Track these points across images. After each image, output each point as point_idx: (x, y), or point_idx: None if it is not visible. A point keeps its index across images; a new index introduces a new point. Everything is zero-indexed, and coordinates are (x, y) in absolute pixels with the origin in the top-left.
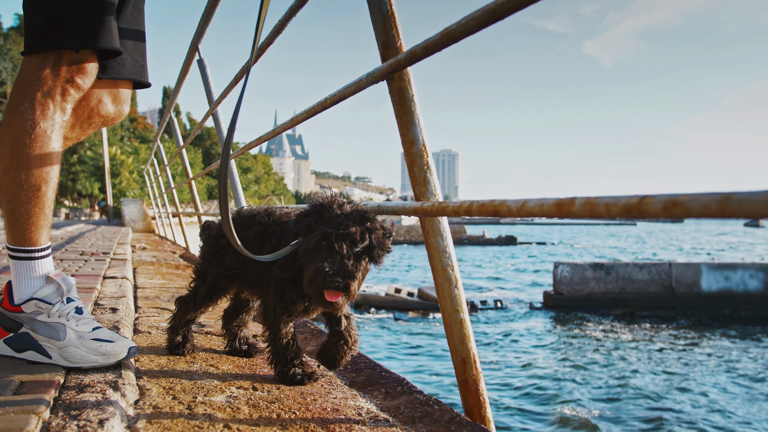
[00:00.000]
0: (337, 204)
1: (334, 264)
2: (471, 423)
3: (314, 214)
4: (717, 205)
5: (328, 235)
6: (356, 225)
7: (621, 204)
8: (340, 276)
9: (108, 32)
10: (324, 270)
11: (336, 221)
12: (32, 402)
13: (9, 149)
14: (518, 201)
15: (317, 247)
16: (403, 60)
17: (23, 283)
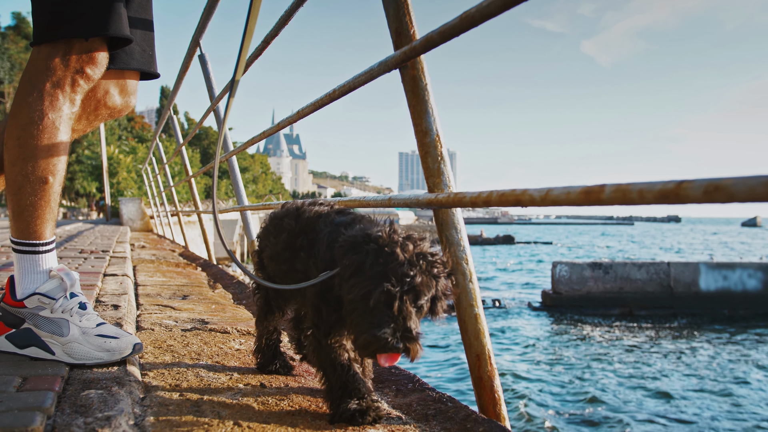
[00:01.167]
0: (401, 245)
1: (397, 330)
2: (487, 420)
3: (369, 254)
4: (764, 188)
5: (391, 294)
6: (422, 275)
7: (656, 190)
8: (402, 342)
9: (118, 20)
10: (385, 339)
11: (399, 271)
12: (36, 399)
13: (16, 140)
14: (542, 189)
15: (375, 304)
16: (419, 46)
17: (26, 278)
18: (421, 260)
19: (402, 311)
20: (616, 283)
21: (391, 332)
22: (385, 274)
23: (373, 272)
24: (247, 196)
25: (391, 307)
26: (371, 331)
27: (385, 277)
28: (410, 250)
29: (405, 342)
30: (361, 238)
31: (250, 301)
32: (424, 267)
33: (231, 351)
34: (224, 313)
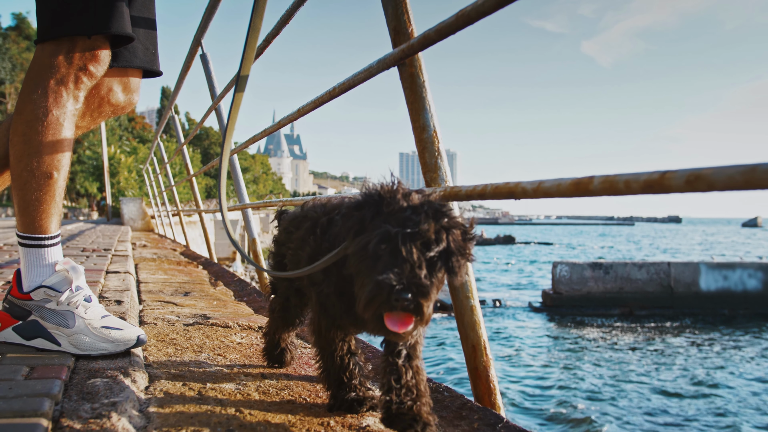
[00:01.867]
0: (402, 193)
1: (402, 276)
2: (482, 408)
3: (369, 206)
4: (742, 177)
5: (392, 235)
6: (429, 221)
7: (642, 180)
8: (411, 291)
9: (120, 18)
10: (389, 284)
11: (401, 216)
12: (44, 386)
13: (21, 136)
14: (533, 182)
15: (376, 253)
16: (416, 44)
17: (33, 271)
18: (428, 209)
19: (409, 258)
20: (617, 283)
21: (396, 277)
22: (387, 221)
23: (374, 224)
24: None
25: (397, 254)
26: (372, 277)
27: (388, 222)
28: (416, 200)
29: (413, 290)
30: (365, 197)
31: (251, 298)
32: (431, 215)
33: (233, 344)
34: (226, 309)
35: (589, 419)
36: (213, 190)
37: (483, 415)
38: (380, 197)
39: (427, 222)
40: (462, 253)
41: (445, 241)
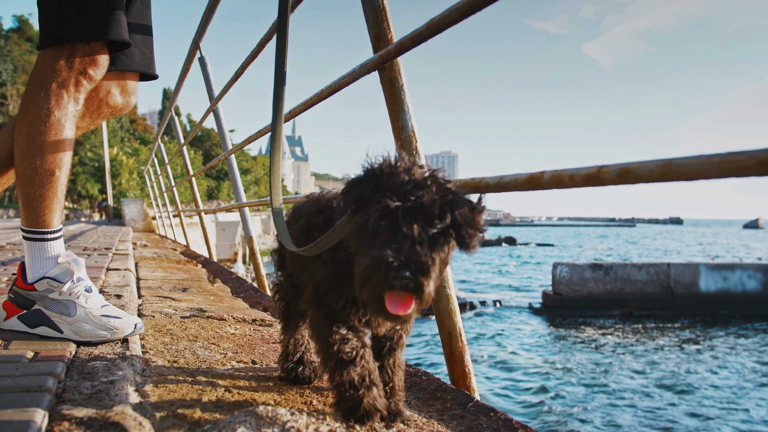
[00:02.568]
0: (404, 167)
1: (401, 252)
2: (455, 389)
3: (369, 181)
4: (660, 169)
5: (391, 210)
6: (431, 195)
7: (582, 174)
8: (409, 269)
9: (117, 25)
10: (386, 260)
11: (403, 190)
12: (48, 366)
13: (25, 136)
14: (495, 177)
15: (375, 230)
16: (393, 51)
17: (36, 263)
18: (432, 183)
19: (409, 234)
20: (617, 284)
21: (394, 253)
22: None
23: (374, 200)
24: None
25: (396, 230)
26: (369, 253)
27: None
28: (417, 174)
29: (412, 268)
30: (365, 172)
31: (248, 294)
32: (435, 189)
33: (226, 335)
34: (222, 303)
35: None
36: (214, 192)
37: (456, 396)
38: (381, 171)
39: (431, 196)
40: (471, 225)
41: (450, 216)
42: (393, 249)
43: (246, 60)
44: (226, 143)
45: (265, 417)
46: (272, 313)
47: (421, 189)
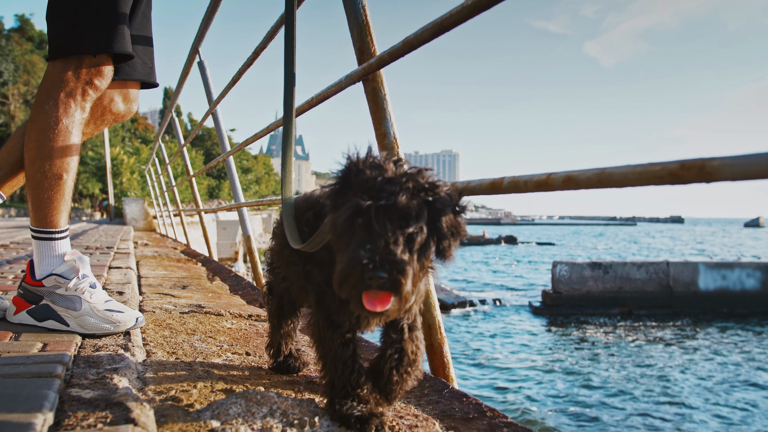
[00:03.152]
0: (372, 163)
1: (376, 252)
2: (433, 378)
3: (341, 179)
4: (596, 177)
5: (363, 209)
6: (407, 194)
7: (534, 180)
8: (384, 269)
9: (121, 38)
10: (360, 262)
11: (374, 187)
12: (57, 356)
13: (35, 142)
14: (464, 182)
15: (350, 229)
16: (374, 64)
17: (44, 261)
18: (407, 179)
19: (382, 233)
20: (616, 282)
21: (368, 255)
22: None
23: (347, 198)
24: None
25: (370, 229)
26: (345, 254)
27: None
28: (391, 170)
29: (387, 267)
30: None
31: (245, 291)
32: (410, 186)
33: (223, 329)
34: (220, 300)
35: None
36: (215, 191)
37: (433, 383)
38: (348, 169)
39: (405, 194)
40: (454, 232)
41: (428, 216)
42: (367, 250)
43: (242, 66)
44: (225, 145)
45: (254, 399)
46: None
47: (395, 185)
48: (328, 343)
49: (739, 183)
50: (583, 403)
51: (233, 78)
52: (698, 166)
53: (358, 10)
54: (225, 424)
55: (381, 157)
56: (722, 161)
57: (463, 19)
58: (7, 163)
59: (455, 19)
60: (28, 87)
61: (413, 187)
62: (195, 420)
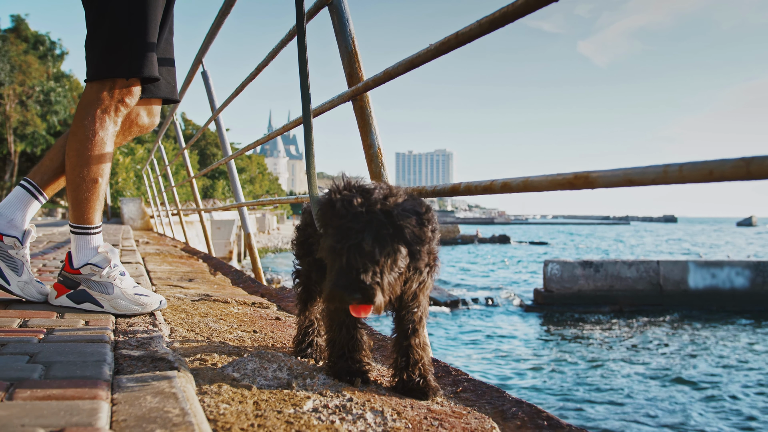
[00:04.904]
0: (342, 201)
1: (350, 281)
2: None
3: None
4: (522, 183)
5: (336, 251)
6: (371, 229)
7: (482, 186)
8: (359, 292)
9: (150, 65)
10: (339, 292)
11: (345, 227)
12: (101, 328)
13: (75, 152)
14: (432, 186)
15: (333, 258)
16: (361, 88)
17: (81, 252)
18: (372, 212)
19: (354, 264)
20: (607, 281)
21: (344, 285)
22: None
23: (328, 231)
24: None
25: (341, 261)
26: (329, 284)
27: (336, 235)
28: (356, 203)
29: (361, 293)
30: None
31: (246, 284)
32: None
33: (231, 313)
34: (224, 291)
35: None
36: (209, 190)
37: None
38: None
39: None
40: (418, 242)
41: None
42: (344, 281)
43: (246, 79)
44: (227, 150)
45: (266, 358)
46: (269, 298)
47: (359, 222)
48: (337, 311)
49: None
50: (573, 399)
51: (236, 89)
52: (585, 176)
53: (348, 40)
54: (244, 376)
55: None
56: (599, 173)
57: (429, 58)
58: (50, 169)
59: (423, 58)
60: (23, 87)
61: (377, 224)
62: (220, 373)
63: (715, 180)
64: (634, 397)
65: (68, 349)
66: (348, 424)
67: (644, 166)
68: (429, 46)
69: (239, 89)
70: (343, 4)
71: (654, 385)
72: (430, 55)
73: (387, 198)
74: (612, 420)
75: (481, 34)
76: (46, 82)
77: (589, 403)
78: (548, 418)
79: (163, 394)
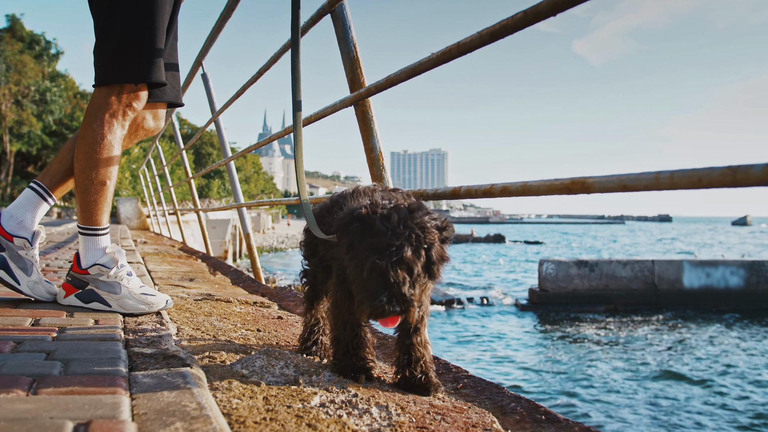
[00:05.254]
0: (381, 216)
1: (393, 296)
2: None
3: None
4: (521, 188)
5: (381, 266)
6: (410, 244)
7: (482, 189)
8: (399, 305)
9: (158, 70)
10: (382, 306)
11: (384, 242)
12: (111, 326)
13: (84, 155)
14: (434, 189)
15: (368, 276)
16: (363, 93)
17: (89, 253)
18: (408, 231)
19: (395, 280)
20: (602, 280)
21: (387, 300)
22: (372, 247)
23: (361, 247)
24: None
25: (384, 276)
26: (369, 301)
27: (374, 250)
28: (394, 220)
29: (401, 306)
30: (347, 218)
31: (246, 284)
32: (413, 239)
33: (234, 312)
34: (226, 290)
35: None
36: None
37: None
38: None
39: (409, 245)
40: (441, 261)
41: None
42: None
43: (246, 83)
44: (226, 151)
45: (273, 355)
46: (270, 297)
47: (400, 238)
48: (343, 310)
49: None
50: (567, 397)
51: (237, 92)
52: (581, 182)
53: (350, 47)
54: (252, 372)
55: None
56: (595, 179)
57: (431, 67)
58: (59, 172)
59: (425, 66)
60: (19, 87)
61: (415, 239)
62: (229, 369)
63: (703, 187)
64: (627, 394)
65: (83, 347)
66: (355, 419)
67: (637, 173)
68: (431, 55)
69: (240, 92)
70: (346, 12)
71: (647, 383)
72: (431, 64)
73: (415, 212)
74: (605, 417)
75: (482, 44)
76: (42, 81)
77: (583, 401)
78: (546, 412)
79: (179, 389)
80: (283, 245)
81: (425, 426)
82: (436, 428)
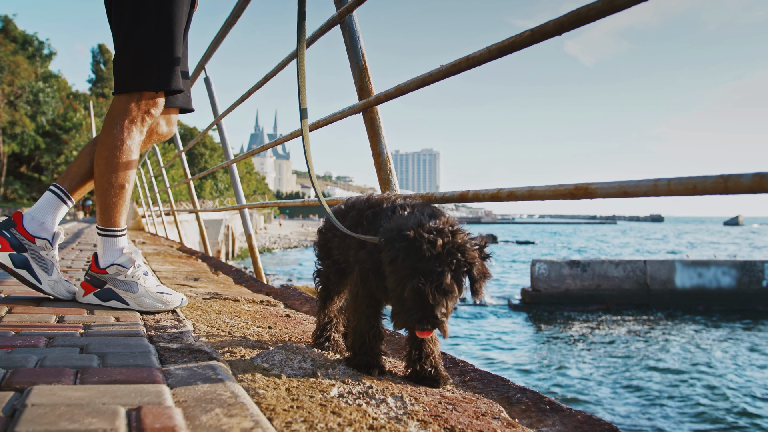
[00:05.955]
0: (428, 241)
1: (425, 317)
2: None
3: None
4: (527, 192)
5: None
6: (451, 270)
7: (490, 194)
8: (431, 324)
9: (176, 78)
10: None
11: (428, 266)
12: (133, 323)
13: (104, 159)
14: (441, 193)
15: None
16: (372, 101)
17: (107, 253)
18: (451, 257)
19: (434, 302)
20: (594, 280)
21: (419, 318)
22: (415, 268)
23: (405, 265)
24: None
25: (423, 297)
26: (404, 315)
27: (416, 271)
28: (439, 245)
29: (433, 325)
30: (395, 235)
31: (249, 283)
32: (454, 264)
33: (243, 311)
34: (231, 289)
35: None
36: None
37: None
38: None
39: (450, 271)
40: (483, 278)
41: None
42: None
43: (252, 88)
44: (228, 154)
45: (291, 350)
46: (275, 296)
47: (443, 264)
48: (363, 306)
49: None
50: (562, 395)
51: (242, 96)
52: (584, 188)
53: (359, 56)
54: (273, 366)
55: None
56: (597, 185)
57: (440, 78)
58: (78, 175)
59: (435, 77)
60: (12, 87)
61: (456, 265)
62: (251, 363)
63: (698, 194)
64: (620, 392)
65: (113, 342)
66: (373, 408)
67: (637, 180)
68: (441, 67)
69: (245, 96)
70: (354, 23)
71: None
72: (441, 76)
73: (457, 234)
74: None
75: (490, 59)
76: (35, 82)
77: (576, 399)
78: (550, 402)
79: (212, 380)
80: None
81: (438, 414)
82: (449, 416)
